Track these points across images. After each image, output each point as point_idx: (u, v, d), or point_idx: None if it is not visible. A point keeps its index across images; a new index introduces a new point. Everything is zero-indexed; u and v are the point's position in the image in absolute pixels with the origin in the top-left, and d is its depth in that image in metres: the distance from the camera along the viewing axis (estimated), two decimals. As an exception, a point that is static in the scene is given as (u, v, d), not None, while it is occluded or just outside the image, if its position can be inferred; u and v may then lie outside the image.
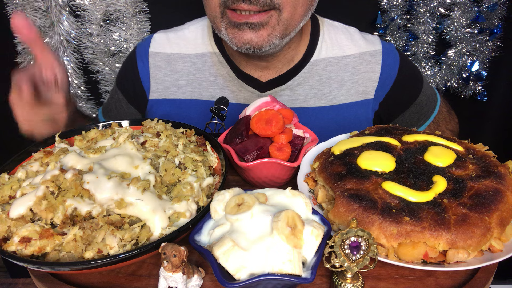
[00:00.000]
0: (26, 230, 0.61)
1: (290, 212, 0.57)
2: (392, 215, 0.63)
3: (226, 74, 1.16)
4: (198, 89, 1.17)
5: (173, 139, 0.83)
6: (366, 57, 1.16)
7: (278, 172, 0.83)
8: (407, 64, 1.21)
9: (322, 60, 1.15)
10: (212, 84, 1.17)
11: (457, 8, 1.71)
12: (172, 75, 1.18)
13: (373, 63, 1.15)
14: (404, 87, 1.19)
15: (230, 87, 1.16)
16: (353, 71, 1.15)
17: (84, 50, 1.78)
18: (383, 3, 1.72)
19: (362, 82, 1.16)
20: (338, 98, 1.16)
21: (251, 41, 0.96)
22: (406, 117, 1.23)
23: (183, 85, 1.18)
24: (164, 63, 1.19)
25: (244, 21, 0.95)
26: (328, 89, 1.15)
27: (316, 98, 1.16)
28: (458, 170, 0.73)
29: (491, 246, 0.64)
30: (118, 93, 1.28)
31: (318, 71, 1.15)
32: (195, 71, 1.18)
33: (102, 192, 0.66)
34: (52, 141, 0.84)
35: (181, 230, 0.63)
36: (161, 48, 1.19)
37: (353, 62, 1.15)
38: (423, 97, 1.22)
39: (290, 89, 1.15)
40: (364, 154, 0.77)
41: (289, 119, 0.89)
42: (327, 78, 1.15)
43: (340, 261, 0.57)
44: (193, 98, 1.18)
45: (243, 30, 0.96)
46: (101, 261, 0.57)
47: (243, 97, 1.16)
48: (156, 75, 1.19)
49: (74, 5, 1.71)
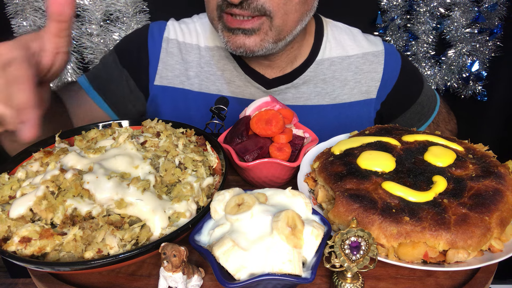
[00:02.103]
0: (26, 230, 0.61)
1: (290, 212, 0.57)
2: (392, 215, 0.63)
3: (233, 69, 1.18)
4: (205, 82, 1.19)
5: (173, 139, 0.83)
6: (369, 58, 1.18)
7: (278, 172, 0.83)
8: (409, 65, 1.23)
9: (326, 60, 1.17)
10: (219, 78, 1.19)
11: (457, 8, 1.71)
12: (183, 64, 1.20)
13: (376, 63, 1.17)
14: (405, 88, 1.21)
15: (237, 82, 1.18)
16: (356, 71, 1.17)
17: (84, 50, 1.78)
18: (383, 3, 1.72)
19: (365, 81, 1.18)
20: (341, 97, 1.18)
21: (244, 45, 1.00)
22: (407, 117, 1.24)
23: (192, 76, 1.19)
24: (177, 50, 1.20)
25: (237, 26, 0.98)
26: (331, 88, 1.18)
27: (320, 97, 1.18)
28: (458, 170, 0.73)
29: (491, 246, 0.64)
30: (117, 63, 1.21)
31: (323, 70, 1.17)
32: (203, 64, 1.20)
33: (102, 192, 0.66)
34: (52, 141, 0.84)
35: (181, 230, 0.63)
36: (175, 35, 1.21)
37: (356, 62, 1.17)
38: (424, 98, 1.23)
39: (295, 87, 1.17)
40: (364, 154, 0.77)
41: (289, 119, 0.89)
42: (331, 77, 1.17)
43: (340, 261, 0.57)
44: (201, 91, 1.19)
45: (237, 34, 0.99)
46: (101, 261, 0.57)
47: (249, 93, 1.18)
48: (168, 61, 1.20)
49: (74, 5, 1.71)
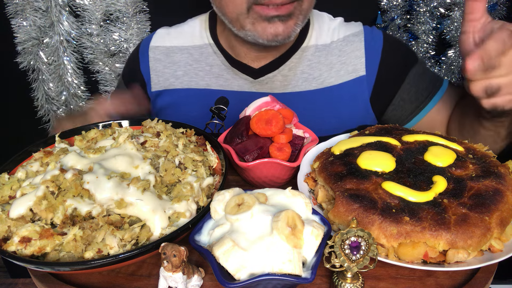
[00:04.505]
0: (26, 230, 0.61)
1: (290, 212, 0.57)
2: (392, 215, 0.63)
3: (220, 63, 1.23)
4: (194, 79, 1.24)
5: (173, 139, 0.83)
6: (350, 39, 1.21)
7: (278, 172, 0.83)
8: (392, 37, 1.24)
9: (311, 47, 1.21)
10: (208, 73, 1.23)
11: (457, 8, 1.71)
12: (171, 67, 1.26)
13: (357, 42, 1.20)
14: (393, 56, 1.19)
15: (225, 75, 1.22)
16: (339, 54, 1.20)
17: (84, 50, 1.78)
18: (383, 3, 1.73)
19: (350, 61, 1.19)
20: (328, 81, 1.19)
21: (282, 33, 1.04)
22: (409, 90, 1.17)
23: (181, 75, 1.25)
24: (163, 56, 1.27)
25: (276, 13, 1.01)
26: (318, 72, 1.20)
27: (307, 82, 1.19)
28: (458, 170, 0.73)
29: (491, 246, 0.64)
30: (123, 87, 1.34)
31: (308, 56, 1.20)
32: (192, 61, 1.25)
33: (102, 192, 0.66)
34: (52, 141, 0.84)
35: (181, 230, 0.63)
36: (161, 42, 1.28)
37: (339, 46, 1.21)
38: (420, 68, 1.19)
39: (282, 75, 1.20)
40: (364, 154, 0.77)
41: (289, 119, 0.89)
42: (317, 63, 1.20)
43: (340, 261, 0.57)
44: (190, 87, 1.24)
45: (274, 22, 1.02)
46: (101, 261, 0.57)
47: (237, 84, 1.22)
48: (157, 68, 1.27)
49: (74, 5, 1.71)
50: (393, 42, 1.22)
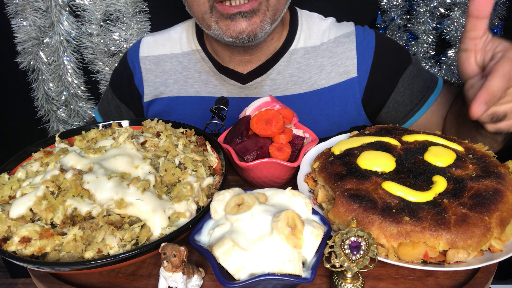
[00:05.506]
0: (26, 230, 0.61)
1: (290, 212, 0.57)
2: (392, 215, 0.63)
3: (209, 69, 1.22)
4: (184, 86, 1.23)
5: (173, 139, 0.83)
6: (341, 40, 1.18)
7: (278, 172, 0.83)
8: (384, 37, 1.21)
9: (300, 49, 1.19)
10: (197, 80, 1.23)
11: (457, 8, 1.71)
12: (162, 76, 1.25)
13: (348, 43, 1.17)
14: (386, 57, 1.16)
15: (213, 81, 1.22)
16: (330, 55, 1.18)
17: (84, 50, 1.78)
18: (383, 3, 1.72)
19: (341, 63, 1.17)
20: (319, 83, 1.17)
21: (246, 30, 1.01)
22: (403, 92, 1.16)
23: (171, 83, 1.24)
24: (154, 65, 1.26)
25: (237, 11, 0.99)
26: (308, 75, 1.18)
27: (297, 85, 1.18)
28: (458, 170, 0.73)
29: (491, 246, 0.64)
30: (115, 99, 1.33)
31: (297, 59, 1.19)
32: (181, 69, 1.24)
33: (102, 192, 0.66)
34: (52, 141, 0.84)
35: (181, 230, 0.63)
36: (149, 51, 1.26)
37: (330, 47, 1.18)
38: (414, 69, 1.17)
39: (271, 79, 1.19)
40: (364, 154, 0.77)
41: (289, 119, 0.89)
42: (306, 65, 1.18)
43: (340, 261, 0.57)
44: (180, 95, 1.23)
45: (237, 20, 1.00)
46: (101, 261, 0.57)
47: (226, 90, 1.21)
48: (148, 78, 1.26)
49: (74, 5, 1.71)
50: (385, 42, 1.19)
